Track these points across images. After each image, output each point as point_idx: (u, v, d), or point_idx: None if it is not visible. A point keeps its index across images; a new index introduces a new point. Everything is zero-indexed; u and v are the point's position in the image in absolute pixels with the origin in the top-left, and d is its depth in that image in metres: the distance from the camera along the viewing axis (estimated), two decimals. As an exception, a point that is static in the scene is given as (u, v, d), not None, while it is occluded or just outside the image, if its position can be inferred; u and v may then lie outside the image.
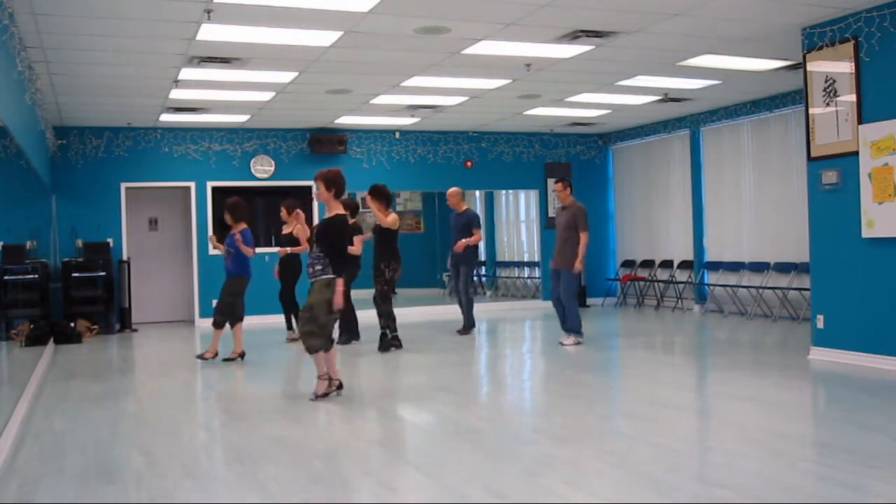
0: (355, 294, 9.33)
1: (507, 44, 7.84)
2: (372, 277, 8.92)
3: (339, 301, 6.11)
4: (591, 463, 4.43)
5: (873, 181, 6.92)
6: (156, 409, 6.44)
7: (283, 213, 10.05)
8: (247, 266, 8.55)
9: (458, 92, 10.32)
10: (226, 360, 8.44)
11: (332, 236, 6.20)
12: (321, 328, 6.22)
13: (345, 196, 7.00)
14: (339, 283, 6.11)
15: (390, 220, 8.86)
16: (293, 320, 9.84)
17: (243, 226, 8.53)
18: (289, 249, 9.82)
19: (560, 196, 9.34)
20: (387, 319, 8.89)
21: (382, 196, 8.96)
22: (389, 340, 8.92)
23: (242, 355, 8.52)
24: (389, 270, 8.88)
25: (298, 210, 9.97)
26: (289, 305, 9.97)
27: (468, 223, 10.05)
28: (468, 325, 10.23)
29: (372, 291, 9.00)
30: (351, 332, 9.61)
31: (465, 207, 10.28)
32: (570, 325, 9.01)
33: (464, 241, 9.93)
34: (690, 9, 6.87)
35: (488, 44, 7.80)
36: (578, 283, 9.39)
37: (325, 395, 6.30)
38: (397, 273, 8.96)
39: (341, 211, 6.34)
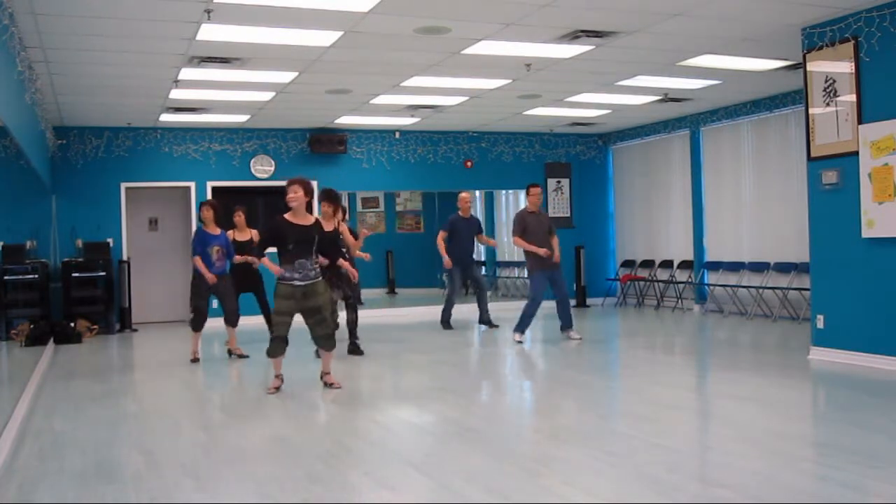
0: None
1: (507, 44, 7.83)
2: (337, 283, 8.21)
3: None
4: (591, 463, 4.43)
5: (873, 181, 6.92)
6: (156, 409, 6.44)
7: (241, 218, 9.37)
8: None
9: (458, 92, 10.32)
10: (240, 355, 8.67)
11: (334, 242, 6.70)
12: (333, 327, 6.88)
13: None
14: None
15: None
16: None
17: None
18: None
19: (537, 201, 9.46)
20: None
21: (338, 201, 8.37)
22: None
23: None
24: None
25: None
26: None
27: (478, 229, 10.92)
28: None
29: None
30: None
31: (470, 213, 10.99)
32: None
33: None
34: (690, 9, 6.87)
35: (488, 44, 7.80)
36: None
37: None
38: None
39: (314, 217, 6.71)
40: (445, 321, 10.89)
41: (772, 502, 3.72)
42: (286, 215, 6.49)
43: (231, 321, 8.67)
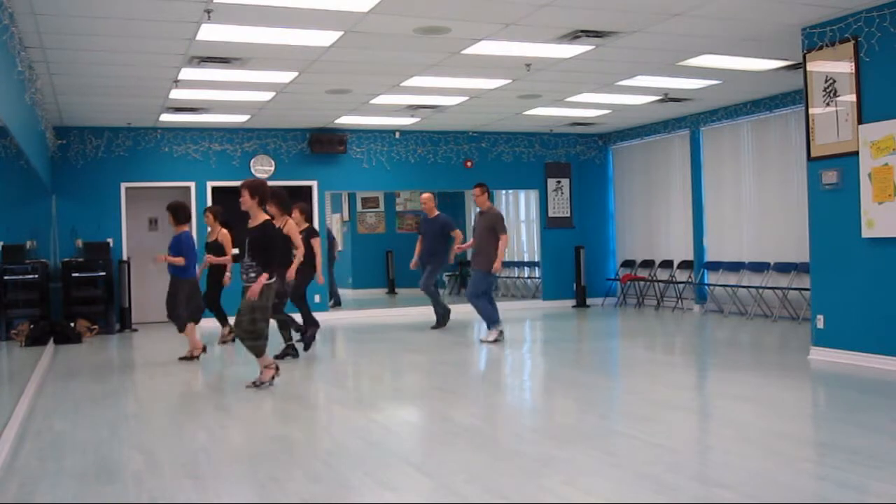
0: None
1: (507, 44, 7.83)
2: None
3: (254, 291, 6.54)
4: (591, 463, 4.43)
5: (873, 181, 6.92)
6: (156, 409, 6.44)
7: (209, 219, 9.57)
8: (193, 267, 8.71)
9: (458, 92, 10.31)
10: (182, 358, 8.62)
11: (265, 242, 6.62)
12: (265, 331, 6.76)
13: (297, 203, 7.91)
14: (262, 278, 6.55)
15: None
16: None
17: (186, 228, 8.72)
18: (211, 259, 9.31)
19: (479, 201, 9.72)
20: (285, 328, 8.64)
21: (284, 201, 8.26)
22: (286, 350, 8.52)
23: (204, 349, 8.73)
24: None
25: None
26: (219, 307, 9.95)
27: (443, 228, 10.75)
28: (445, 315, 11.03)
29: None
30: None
31: (437, 213, 10.92)
32: (487, 319, 9.50)
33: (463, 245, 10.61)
34: (690, 9, 6.87)
35: (488, 44, 7.80)
36: (490, 282, 9.73)
37: (270, 382, 6.82)
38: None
39: (265, 217, 6.79)
40: (436, 322, 11.03)
41: (772, 502, 3.72)
42: None
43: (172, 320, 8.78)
